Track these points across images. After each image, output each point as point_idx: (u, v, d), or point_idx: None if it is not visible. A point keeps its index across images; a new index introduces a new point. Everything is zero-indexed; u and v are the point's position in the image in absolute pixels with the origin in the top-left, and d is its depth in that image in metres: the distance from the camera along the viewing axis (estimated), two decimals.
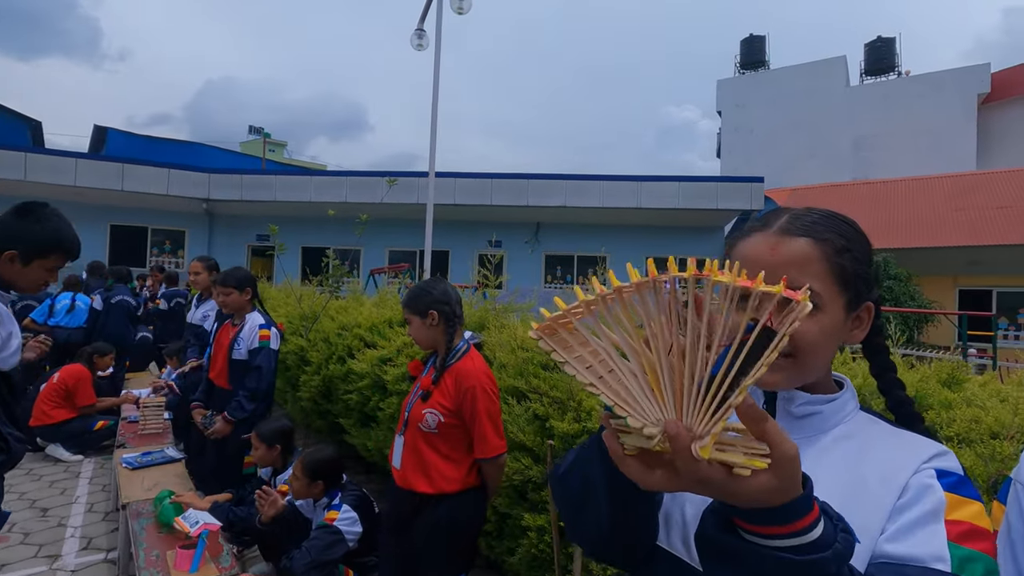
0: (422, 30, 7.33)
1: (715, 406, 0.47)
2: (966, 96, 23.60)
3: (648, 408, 0.50)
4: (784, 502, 0.48)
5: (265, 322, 3.35)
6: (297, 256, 16.19)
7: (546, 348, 0.54)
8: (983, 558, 0.59)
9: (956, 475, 0.66)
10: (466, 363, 2.10)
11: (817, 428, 0.73)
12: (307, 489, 2.63)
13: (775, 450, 0.48)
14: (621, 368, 0.51)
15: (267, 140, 36.79)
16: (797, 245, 0.72)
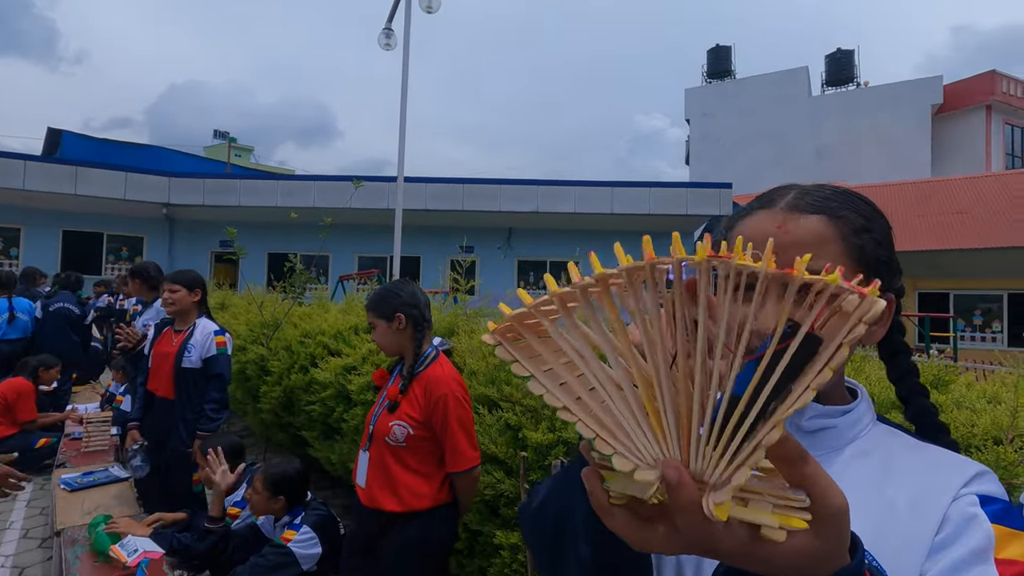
0: (390, 29, 7.18)
1: (737, 442, 0.34)
2: (920, 107, 24.56)
3: (642, 442, 0.36)
4: (832, 573, 0.36)
5: (219, 328, 3.15)
6: (263, 262, 15.75)
7: (505, 357, 0.39)
8: None
9: (1002, 501, 0.55)
10: (436, 370, 1.96)
11: (831, 445, 0.62)
12: (267, 504, 2.43)
13: (818, 503, 0.35)
14: (606, 386, 0.37)
15: (233, 145, 35.92)
16: (809, 223, 0.60)
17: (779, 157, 26.35)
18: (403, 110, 7.22)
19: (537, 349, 0.39)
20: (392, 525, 1.87)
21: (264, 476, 2.44)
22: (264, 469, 2.49)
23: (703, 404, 0.35)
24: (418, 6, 6.56)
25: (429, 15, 6.57)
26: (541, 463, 2.01)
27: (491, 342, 0.39)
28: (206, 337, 3.08)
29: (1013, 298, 14.72)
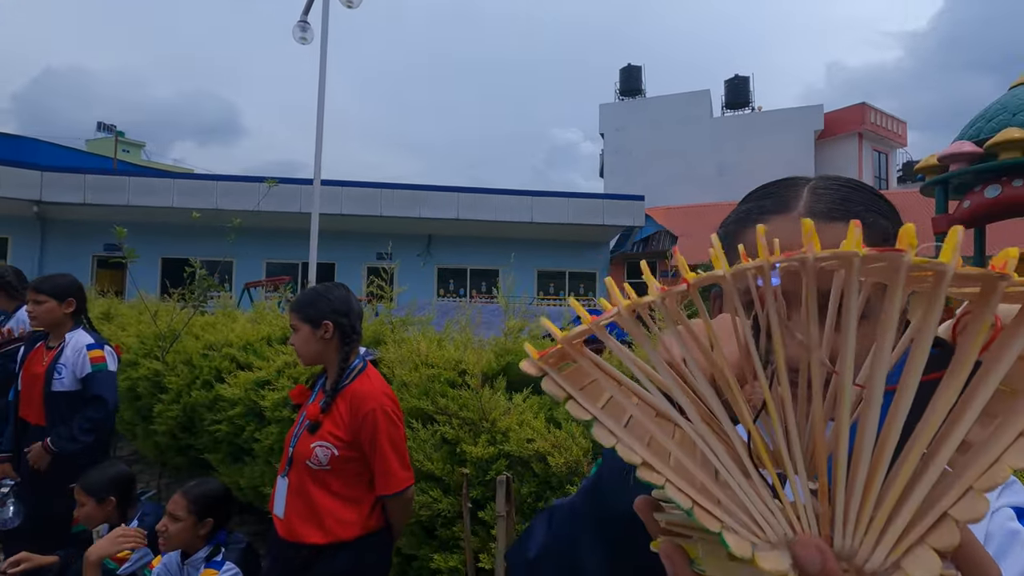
0: (306, 22, 6.80)
1: (905, 513, 0.24)
2: (805, 132, 27.18)
3: (758, 512, 0.26)
4: None
5: (94, 341, 2.73)
6: (156, 268, 14.39)
7: (556, 392, 0.28)
8: None
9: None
10: (363, 384, 1.79)
11: None
12: (192, 532, 2.07)
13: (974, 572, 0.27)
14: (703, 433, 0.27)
15: (120, 139, 32.74)
16: (838, 234, 0.54)
17: (685, 172, 28.06)
18: (320, 108, 6.86)
19: (591, 374, 0.28)
20: (317, 559, 1.67)
21: (187, 498, 2.10)
22: (184, 491, 2.15)
23: (850, 452, 0.25)
24: (337, 2, 6.28)
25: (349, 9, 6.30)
26: (482, 478, 1.90)
27: (534, 372, 0.28)
28: (77, 353, 2.66)
29: None
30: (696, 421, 0.27)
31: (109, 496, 2.37)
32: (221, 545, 2.11)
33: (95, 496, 2.35)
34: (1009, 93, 4.48)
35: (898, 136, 28.25)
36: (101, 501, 2.36)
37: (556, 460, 1.72)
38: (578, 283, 17.68)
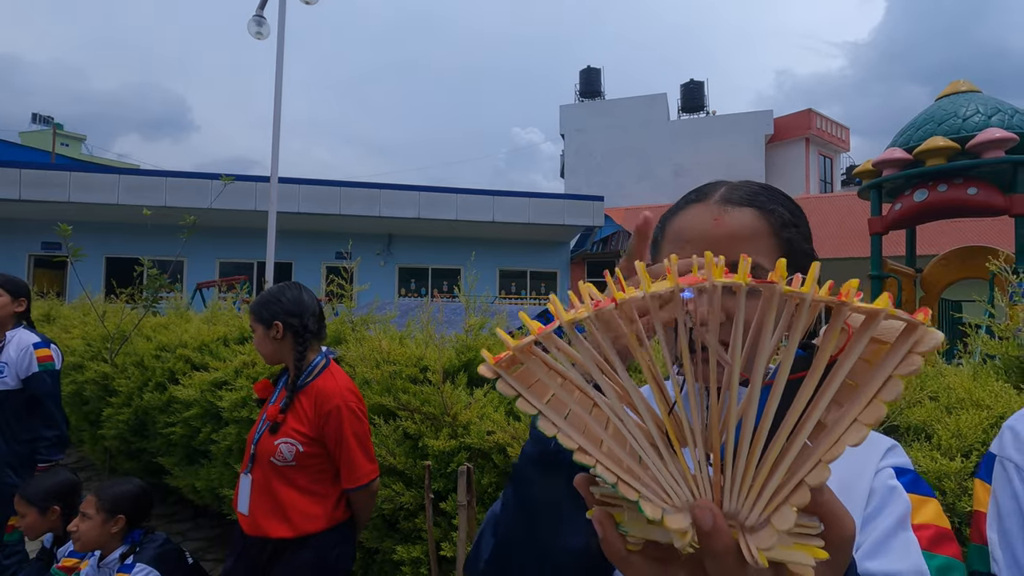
0: (262, 17, 6.66)
1: (776, 478, 0.32)
2: (756, 136, 28.19)
3: (667, 482, 0.33)
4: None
5: (41, 339, 2.66)
6: (100, 268, 13.74)
7: (507, 391, 0.34)
8: (956, 565, 0.56)
9: (911, 471, 0.62)
10: (326, 381, 1.82)
11: None
12: (102, 531, 2.04)
13: (833, 530, 0.34)
14: (623, 421, 0.34)
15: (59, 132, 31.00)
16: (743, 216, 0.63)
17: (643, 174, 28.66)
18: (277, 104, 6.73)
19: (537, 374, 0.35)
20: (282, 552, 1.69)
21: (97, 495, 2.09)
22: (96, 490, 2.13)
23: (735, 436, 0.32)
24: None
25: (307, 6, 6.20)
26: (443, 471, 1.95)
27: (489, 375, 0.34)
28: (23, 352, 2.58)
29: None
30: (620, 410, 0.34)
31: (53, 505, 2.30)
32: (136, 545, 2.09)
33: (38, 506, 2.28)
34: (935, 104, 4.83)
35: (842, 141, 29.65)
36: (44, 511, 2.29)
37: (515, 451, 1.80)
38: (539, 282, 17.85)
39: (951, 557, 0.56)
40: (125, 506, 2.09)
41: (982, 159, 4.20)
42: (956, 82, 4.75)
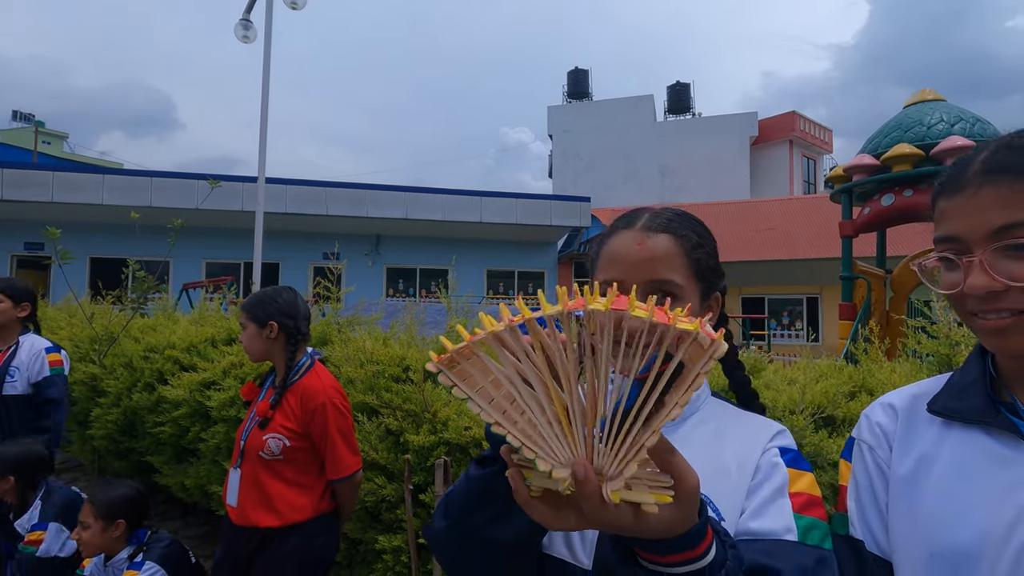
0: (248, 20, 6.71)
1: (628, 443, 0.45)
2: (741, 137, 28.53)
3: (557, 447, 0.46)
4: (684, 532, 0.49)
5: (52, 345, 2.74)
6: (84, 269, 13.64)
7: (447, 383, 0.48)
8: (820, 524, 0.70)
9: (793, 451, 0.76)
10: (312, 380, 1.93)
11: (680, 416, 0.79)
12: (103, 536, 2.11)
13: (680, 484, 0.48)
14: (528, 402, 0.47)
15: (40, 130, 30.59)
16: (660, 241, 0.78)
17: (629, 174, 28.90)
18: (264, 105, 6.78)
19: (471, 372, 0.48)
20: (270, 541, 1.79)
21: (91, 503, 2.14)
22: (89, 498, 2.19)
23: (602, 415, 0.46)
24: (281, 1, 6.23)
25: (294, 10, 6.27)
26: (423, 464, 2.06)
27: (434, 370, 0.48)
28: (35, 356, 2.65)
29: (810, 301, 17.70)
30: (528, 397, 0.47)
31: (7, 475, 2.34)
32: (143, 545, 2.16)
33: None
34: (902, 112, 5.02)
35: (824, 143, 30.10)
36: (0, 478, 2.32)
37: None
38: (527, 282, 17.98)
39: (816, 518, 0.70)
40: (122, 511, 2.14)
41: (945, 166, 4.39)
42: (923, 91, 4.95)
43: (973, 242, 0.64)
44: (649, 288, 0.75)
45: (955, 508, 0.67)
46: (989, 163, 0.64)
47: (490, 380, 0.48)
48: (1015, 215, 0.61)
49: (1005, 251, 0.61)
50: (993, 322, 0.64)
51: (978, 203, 0.64)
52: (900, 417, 0.77)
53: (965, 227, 0.64)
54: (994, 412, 0.68)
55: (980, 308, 0.64)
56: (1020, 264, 0.61)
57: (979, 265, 0.63)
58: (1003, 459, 0.66)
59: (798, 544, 0.66)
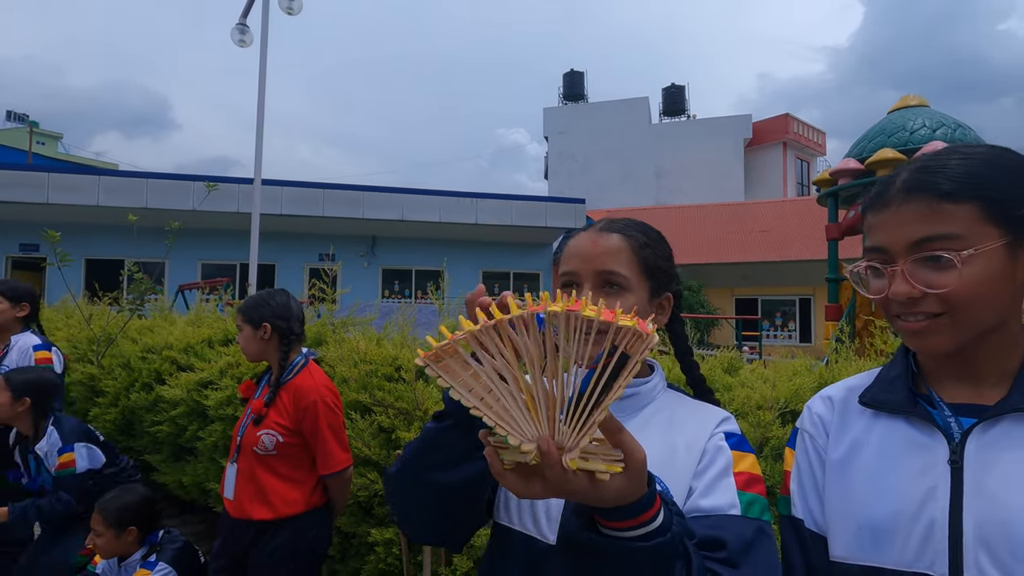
0: (245, 25, 6.77)
1: (581, 421, 0.54)
2: (736, 139, 28.70)
3: (525, 426, 0.55)
4: (635, 500, 0.58)
5: (43, 342, 2.78)
6: (80, 270, 13.64)
7: (432, 374, 0.57)
8: (759, 499, 0.79)
9: (737, 435, 0.85)
10: (304, 379, 2.00)
11: (636, 406, 0.88)
12: (116, 543, 2.16)
13: (629, 457, 0.57)
14: (500, 390, 0.56)
15: (35, 130, 30.52)
16: (611, 239, 0.88)
17: (625, 176, 29.03)
18: (260, 108, 6.84)
19: (453, 366, 0.58)
20: (263, 533, 1.87)
21: (102, 512, 2.19)
22: (100, 506, 2.23)
23: (562, 399, 0.55)
24: (277, 5, 6.29)
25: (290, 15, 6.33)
26: None
27: (422, 364, 0.57)
28: (23, 354, 2.70)
29: (802, 302, 17.84)
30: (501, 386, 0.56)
31: (23, 396, 2.39)
32: (156, 546, 2.21)
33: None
34: (887, 118, 5.13)
35: (818, 145, 30.30)
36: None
37: None
38: (522, 283, 18.05)
39: (756, 494, 0.79)
40: (133, 518, 2.18)
41: None
42: (906, 96, 5.06)
43: (896, 253, 0.72)
44: (599, 278, 0.86)
45: (877, 488, 0.75)
46: (908, 183, 0.73)
47: (470, 373, 0.57)
48: (931, 229, 0.69)
49: (923, 261, 0.70)
50: (912, 324, 0.72)
51: (900, 218, 0.72)
52: (836, 408, 0.85)
53: (889, 239, 0.73)
54: (913, 403, 0.77)
55: (902, 311, 0.73)
56: (935, 273, 0.69)
57: (901, 274, 0.71)
58: (919, 445, 0.74)
59: (741, 517, 0.76)
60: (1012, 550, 0.63)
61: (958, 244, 0.67)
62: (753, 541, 0.74)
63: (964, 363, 0.74)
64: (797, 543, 0.82)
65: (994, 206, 0.68)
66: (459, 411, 0.72)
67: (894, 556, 0.71)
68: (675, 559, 0.61)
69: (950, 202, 0.68)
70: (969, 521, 0.67)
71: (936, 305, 0.69)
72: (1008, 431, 0.69)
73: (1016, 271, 0.69)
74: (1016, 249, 0.68)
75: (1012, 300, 0.70)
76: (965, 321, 0.69)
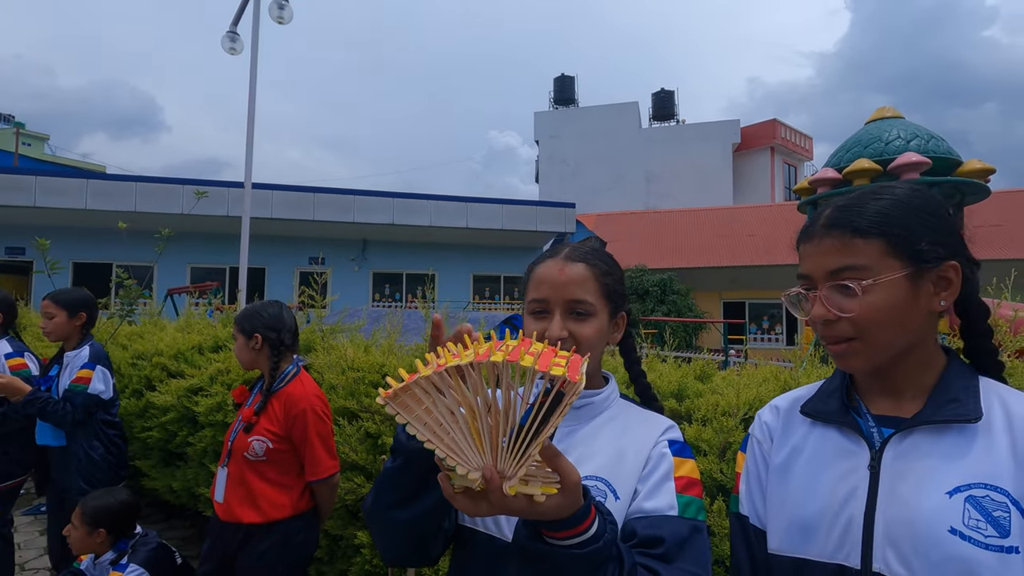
0: (235, 33, 6.81)
1: (520, 452, 0.63)
2: (724, 144, 29.01)
3: (471, 456, 0.64)
4: (572, 514, 0.67)
5: (13, 350, 2.85)
6: (67, 274, 13.54)
7: (392, 412, 0.65)
8: (696, 500, 0.89)
9: (680, 442, 0.95)
10: (295, 388, 2.07)
11: (590, 414, 0.97)
12: (86, 540, 2.24)
13: (564, 479, 0.66)
14: (449, 424, 0.64)
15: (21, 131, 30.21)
16: (577, 268, 0.96)
17: (615, 180, 29.23)
18: (251, 112, 6.87)
19: (409, 404, 0.66)
20: (252, 536, 1.93)
21: (82, 508, 2.27)
22: (83, 501, 2.31)
23: (504, 433, 0.63)
24: (268, 15, 6.34)
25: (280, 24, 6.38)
26: None
27: (382, 403, 0.66)
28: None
29: None
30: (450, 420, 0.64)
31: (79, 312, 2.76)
32: (126, 551, 2.27)
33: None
34: (864, 128, 5.28)
35: (805, 150, 30.69)
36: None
37: None
38: (512, 287, 18.14)
39: (694, 496, 0.89)
40: (104, 520, 2.24)
41: (900, 180, 4.65)
42: (882, 108, 5.21)
43: (817, 280, 0.82)
44: (568, 306, 0.94)
45: (808, 488, 0.84)
46: (829, 219, 0.83)
47: (423, 408, 0.66)
48: (843, 261, 0.79)
49: (837, 288, 0.79)
50: (833, 347, 0.81)
51: (820, 250, 0.82)
52: (782, 417, 0.95)
53: (812, 268, 0.83)
54: (845, 414, 0.86)
55: (823, 333, 0.82)
56: (845, 300, 0.78)
57: (819, 299, 0.81)
58: (846, 451, 0.83)
59: (678, 517, 0.85)
60: (914, 546, 0.72)
61: (864, 274, 0.77)
62: (688, 538, 0.84)
63: (886, 379, 0.84)
64: (743, 537, 0.91)
65: (897, 241, 0.77)
66: (410, 444, 0.82)
67: (817, 548, 0.80)
68: (608, 562, 0.70)
69: (860, 237, 0.78)
70: (880, 519, 0.76)
71: (848, 329, 0.79)
72: (919, 442, 0.78)
73: (920, 298, 0.78)
74: (918, 279, 0.78)
75: (922, 324, 0.80)
76: (875, 343, 0.78)
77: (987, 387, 0.80)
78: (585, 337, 0.93)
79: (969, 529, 0.69)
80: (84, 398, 2.62)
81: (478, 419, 0.63)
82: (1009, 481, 0.70)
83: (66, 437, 2.67)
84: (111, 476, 2.69)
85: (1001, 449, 0.73)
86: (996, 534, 0.68)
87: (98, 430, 2.71)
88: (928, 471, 0.75)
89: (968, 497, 0.71)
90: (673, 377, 2.08)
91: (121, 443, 2.83)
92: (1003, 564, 0.67)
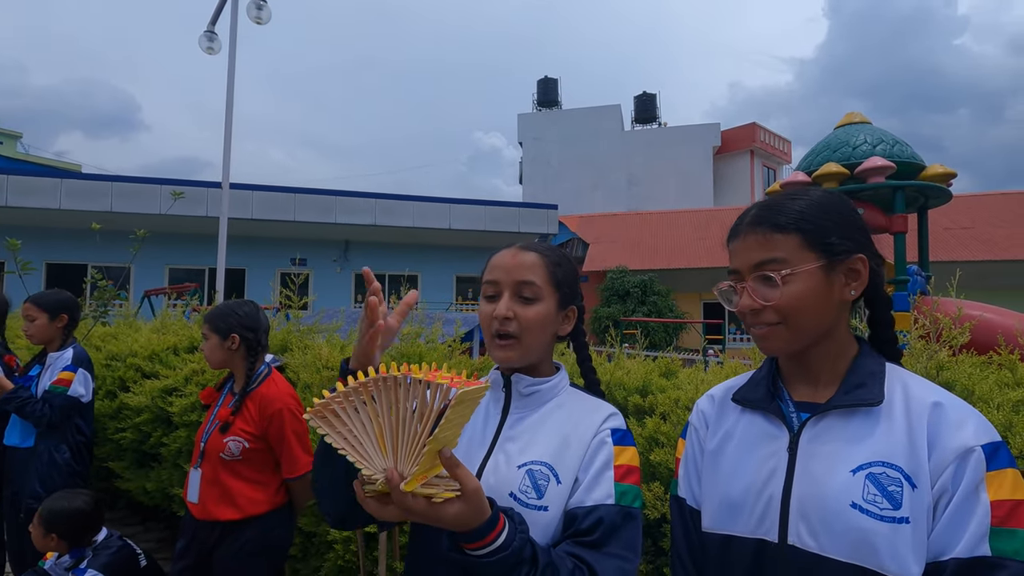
0: (213, 32, 6.77)
1: (415, 454, 0.72)
2: (705, 147, 29.39)
3: (378, 461, 0.73)
4: (478, 524, 0.75)
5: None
6: (40, 276, 13.28)
7: (315, 426, 0.75)
8: (632, 488, 0.95)
9: (622, 430, 1.01)
10: (269, 388, 2.09)
11: (538, 402, 1.03)
12: (42, 541, 2.22)
13: (463, 485, 0.73)
14: (362, 435, 0.74)
15: None
16: (529, 256, 1.04)
17: (597, 182, 29.44)
18: (229, 111, 6.84)
19: (332, 420, 0.75)
20: (230, 532, 1.95)
21: (40, 509, 2.25)
22: (45, 500, 2.29)
23: (404, 439, 0.72)
24: (246, 15, 6.32)
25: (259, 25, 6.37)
26: None
27: (308, 418, 0.75)
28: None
29: None
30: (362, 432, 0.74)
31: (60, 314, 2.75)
32: (81, 558, 2.22)
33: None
34: (832, 133, 5.43)
35: (784, 154, 31.22)
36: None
37: None
38: None
39: (631, 484, 0.95)
40: (58, 526, 2.19)
41: (867, 184, 4.79)
42: (850, 113, 5.37)
43: (743, 273, 0.89)
44: (516, 287, 1.01)
45: (736, 470, 0.91)
46: (754, 218, 0.90)
47: (340, 422, 0.75)
48: (767, 254, 0.86)
49: (761, 279, 0.86)
50: (757, 331, 0.89)
51: (746, 245, 0.89)
52: (716, 404, 1.01)
53: (739, 262, 0.90)
54: (770, 400, 0.93)
55: (752, 321, 0.89)
56: (768, 289, 0.86)
57: (746, 290, 0.88)
58: (770, 435, 0.90)
59: (615, 505, 0.92)
60: (822, 519, 0.79)
61: (783, 266, 0.85)
62: (620, 525, 0.90)
63: (804, 366, 0.91)
64: (680, 518, 0.98)
65: (811, 236, 0.85)
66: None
67: (742, 525, 0.87)
68: (520, 565, 0.79)
69: (780, 233, 0.86)
70: (795, 496, 0.83)
71: (773, 315, 0.86)
72: (831, 425, 0.85)
73: (833, 287, 0.86)
74: (831, 271, 0.85)
75: (836, 312, 0.87)
76: (796, 328, 0.86)
77: (892, 373, 0.87)
78: (528, 319, 0.99)
79: (867, 503, 0.77)
80: (63, 400, 2.62)
81: (384, 429, 0.73)
82: (903, 458, 0.78)
83: (35, 438, 2.65)
84: (69, 484, 2.60)
85: (898, 429, 0.80)
86: (890, 506, 0.75)
87: (69, 435, 2.70)
88: (836, 451, 0.82)
89: (868, 474, 0.78)
90: (639, 373, 2.15)
91: (87, 453, 2.79)
92: (895, 532, 0.75)
